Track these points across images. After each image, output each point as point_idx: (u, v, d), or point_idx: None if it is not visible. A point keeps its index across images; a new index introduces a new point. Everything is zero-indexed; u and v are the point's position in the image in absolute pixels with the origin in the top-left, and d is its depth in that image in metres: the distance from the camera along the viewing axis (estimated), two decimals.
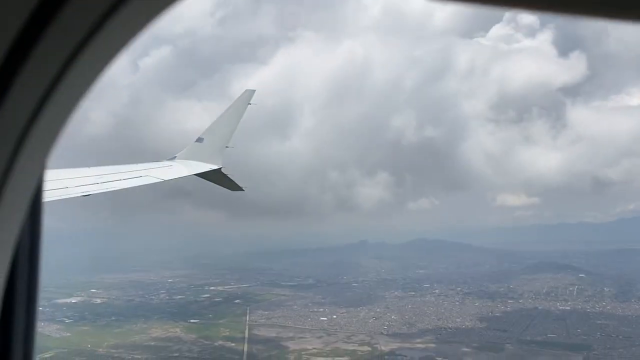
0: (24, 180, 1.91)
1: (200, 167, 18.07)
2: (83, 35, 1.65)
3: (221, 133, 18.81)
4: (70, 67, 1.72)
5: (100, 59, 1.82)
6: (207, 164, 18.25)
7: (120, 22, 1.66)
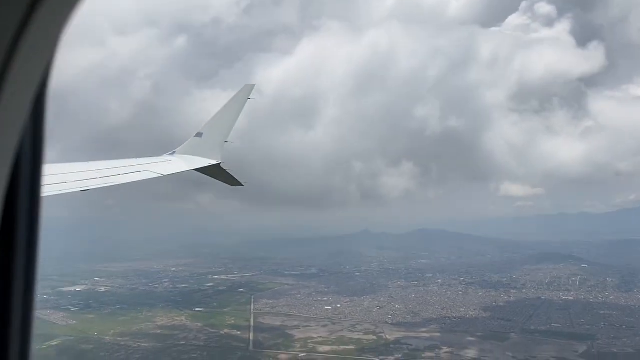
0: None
1: (200, 162, 18.09)
2: None
3: (221, 128, 18.82)
4: None
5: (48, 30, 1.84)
6: (206, 159, 18.26)
7: None
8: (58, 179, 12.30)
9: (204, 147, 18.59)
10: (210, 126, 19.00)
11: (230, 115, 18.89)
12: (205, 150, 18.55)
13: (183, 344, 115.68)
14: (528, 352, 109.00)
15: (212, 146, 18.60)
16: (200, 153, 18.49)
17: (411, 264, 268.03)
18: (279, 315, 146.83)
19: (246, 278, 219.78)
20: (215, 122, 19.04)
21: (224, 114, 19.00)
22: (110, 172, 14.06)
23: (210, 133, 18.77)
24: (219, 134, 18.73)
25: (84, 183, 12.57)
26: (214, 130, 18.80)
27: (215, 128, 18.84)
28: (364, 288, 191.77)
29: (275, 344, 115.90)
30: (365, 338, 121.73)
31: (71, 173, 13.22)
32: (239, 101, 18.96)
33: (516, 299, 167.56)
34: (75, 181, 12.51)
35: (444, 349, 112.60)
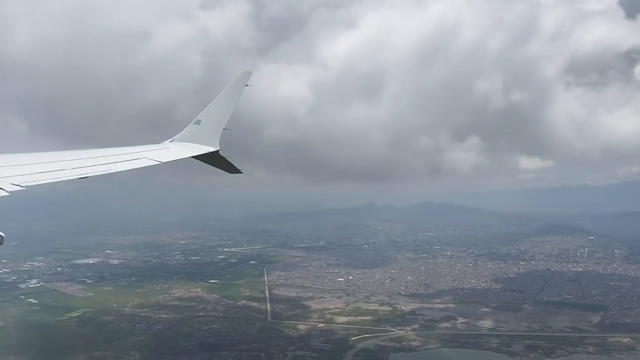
0: None
1: (198, 149, 18.28)
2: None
3: (218, 115, 18.94)
4: None
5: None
6: (205, 146, 18.49)
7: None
8: (56, 167, 12.64)
9: (202, 134, 18.79)
10: (209, 113, 19.12)
11: (228, 103, 19.01)
12: (203, 137, 18.75)
13: (202, 315, 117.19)
14: (542, 323, 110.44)
15: (211, 133, 18.77)
16: (198, 140, 18.71)
17: (418, 237, 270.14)
18: (292, 286, 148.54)
19: (256, 250, 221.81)
20: (213, 110, 19.15)
21: (221, 102, 19.11)
22: (109, 160, 14.34)
23: (209, 120, 18.96)
24: (217, 121, 18.87)
25: (82, 170, 12.82)
26: (212, 117, 18.97)
27: (213, 115, 18.99)
28: (373, 260, 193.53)
29: (293, 315, 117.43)
30: (380, 309, 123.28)
31: (69, 160, 13.53)
32: (236, 88, 19.05)
33: (526, 271, 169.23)
34: (74, 168, 12.78)
35: (460, 319, 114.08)
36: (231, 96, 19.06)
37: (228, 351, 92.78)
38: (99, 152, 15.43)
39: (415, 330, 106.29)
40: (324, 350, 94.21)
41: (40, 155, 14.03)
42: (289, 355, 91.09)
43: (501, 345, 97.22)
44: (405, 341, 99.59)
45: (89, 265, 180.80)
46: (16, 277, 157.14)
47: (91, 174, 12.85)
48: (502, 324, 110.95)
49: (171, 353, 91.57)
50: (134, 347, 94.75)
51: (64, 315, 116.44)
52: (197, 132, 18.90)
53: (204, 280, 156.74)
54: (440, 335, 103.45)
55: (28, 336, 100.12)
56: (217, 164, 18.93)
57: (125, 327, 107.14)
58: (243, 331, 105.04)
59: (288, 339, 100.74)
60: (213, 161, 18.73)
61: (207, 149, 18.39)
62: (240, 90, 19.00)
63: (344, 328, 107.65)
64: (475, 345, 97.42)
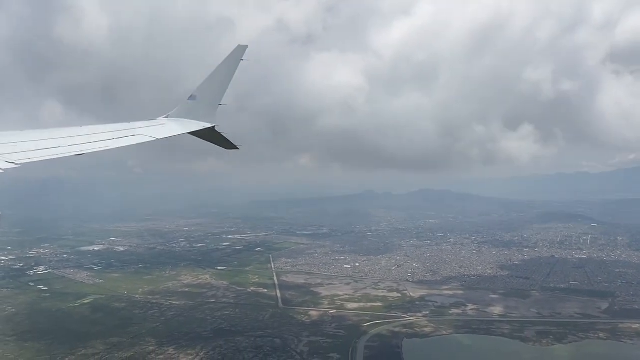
0: None
1: (194, 125, 17.98)
2: None
3: (214, 91, 18.63)
4: None
5: None
6: (200, 122, 18.20)
7: None
8: (52, 144, 12.56)
9: (197, 110, 18.51)
10: (204, 89, 18.81)
11: (223, 78, 18.68)
12: (199, 113, 18.47)
13: (214, 302, 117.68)
14: (552, 309, 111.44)
15: (206, 109, 18.51)
16: (194, 116, 18.41)
17: (420, 224, 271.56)
18: (300, 273, 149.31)
19: (260, 238, 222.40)
20: (208, 85, 18.83)
21: (217, 77, 18.76)
22: (104, 137, 14.18)
23: (204, 96, 18.67)
24: (212, 96, 18.61)
25: (77, 147, 12.69)
26: (208, 93, 18.68)
27: (208, 91, 18.70)
28: (378, 247, 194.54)
29: (304, 301, 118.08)
30: (390, 295, 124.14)
31: (64, 137, 13.42)
32: (231, 63, 18.66)
33: (531, 258, 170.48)
34: (69, 145, 12.68)
35: (470, 305, 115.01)
36: (226, 71, 18.68)
37: (243, 337, 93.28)
38: (94, 128, 15.17)
39: (427, 317, 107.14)
40: (337, 336, 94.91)
41: (36, 132, 13.85)
42: (304, 341, 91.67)
43: (513, 331, 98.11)
44: (417, 327, 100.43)
45: (94, 252, 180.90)
46: (23, 264, 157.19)
47: (87, 150, 12.72)
48: (511, 310, 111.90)
49: (187, 339, 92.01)
50: (149, 333, 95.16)
51: (76, 302, 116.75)
52: (193, 108, 18.60)
53: (211, 267, 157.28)
54: (452, 321, 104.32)
55: (42, 322, 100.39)
56: (213, 140, 18.64)
57: (138, 314, 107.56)
58: (256, 317, 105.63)
59: (301, 325, 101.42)
60: (209, 137, 18.44)
61: (202, 124, 18.09)
62: (235, 65, 18.63)
63: (356, 314, 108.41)
64: (487, 332, 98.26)
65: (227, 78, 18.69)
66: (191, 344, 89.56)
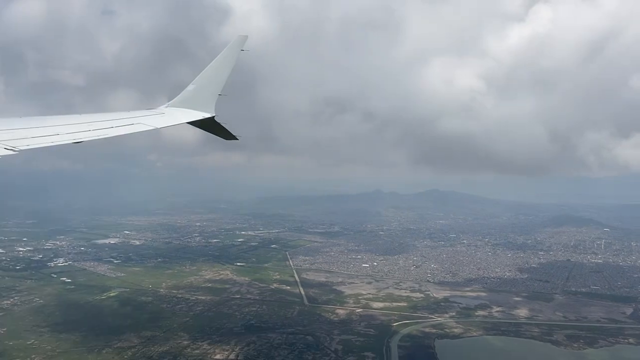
0: None
1: (193, 115, 17.67)
2: None
3: (214, 80, 18.40)
4: None
5: None
6: (199, 112, 17.91)
7: None
8: (51, 131, 12.40)
9: (197, 100, 18.31)
10: (203, 79, 18.62)
11: (223, 68, 18.51)
12: (198, 103, 18.25)
13: (239, 298, 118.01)
14: (577, 313, 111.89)
15: (206, 99, 18.28)
16: (193, 106, 18.19)
17: (430, 224, 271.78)
18: (320, 271, 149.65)
19: (273, 234, 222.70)
20: (207, 75, 18.65)
21: (216, 67, 18.59)
22: (103, 125, 14.03)
23: (204, 86, 18.51)
24: (211, 87, 18.41)
25: (76, 135, 12.53)
26: (207, 83, 18.49)
27: (208, 81, 18.52)
28: (393, 247, 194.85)
29: (329, 300, 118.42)
30: (413, 296, 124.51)
31: (63, 125, 13.28)
32: (231, 53, 18.53)
33: (547, 261, 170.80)
34: (68, 133, 12.54)
35: (495, 307, 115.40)
36: (226, 61, 18.55)
37: (274, 334, 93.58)
38: (93, 116, 15.13)
39: (454, 318, 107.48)
40: (368, 334, 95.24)
41: (34, 119, 13.73)
42: (336, 339, 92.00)
43: (542, 334, 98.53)
44: (446, 328, 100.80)
45: (111, 245, 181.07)
46: (42, 256, 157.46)
47: (85, 138, 12.58)
48: (537, 313, 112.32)
49: (219, 334, 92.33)
50: (180, 328, 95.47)
51: (102, 294, 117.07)
52: (192, 98, 18.43)
53: (230, 262, 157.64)
54: (480, 323, 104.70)
55: (72, 314, 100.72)
56: (213, 131, 18.37)
57: (166, 308, 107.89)
58: (284, 314, 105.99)
59: (330, 323, 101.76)
60: (208, 127, 18.21)
61: (202, 114, 17.88)
62: (235, 55, 18.52)
63: (383, 314, 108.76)
64: (517, 334, 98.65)
65: (226, 68, 18.56)
66: (224, 339, 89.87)
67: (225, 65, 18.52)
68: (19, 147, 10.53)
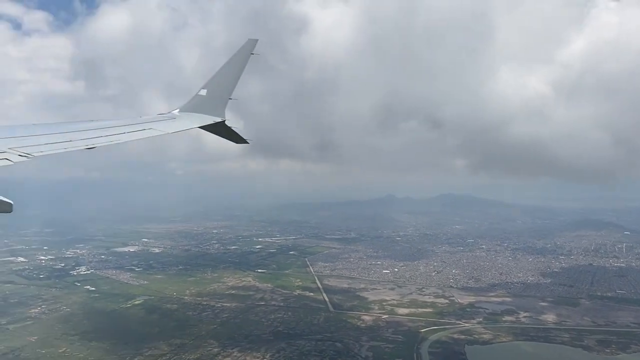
0: None
1: (204, 119, 17.75)
2: None
3: (224, 85, 18.48)
4: None
5: None
6: (210, 116, 17.99)
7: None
8: (64, 137, 12.38)
9: (208, 105, 18.38)
10: (214, 83, 18.70)
11: (234, 72, 18.55)
12: (209, 107, 18.33)
13: (264, 305, 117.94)
14: (606, 318, 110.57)
15: (217, 103, 18.37)
16: (204, 110, 18.28)
17: (447, 229, 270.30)
18: (341, 277, 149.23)
19: (290, 241, 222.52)
20: (218, 79, 18.73)
21: (227, 71, 18.68)
22: (115, 131, 14.02)
23: (214, 90, 18.55)
24: (222, 91, 18.48)
25: (89, 141, 12.52)
26: (218, 87, 18.56)
27: (219, 85, 18.59)
28: (412, 252, 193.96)
29: (354, 306, 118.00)
30: (438, 302, 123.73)
31: (77, 132, 13.28)
32: (242, 57, 18.54)
33: (569, 265, 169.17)
34: (81, 139, 12.51)
35: (522, 313, 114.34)
36: (237, 65, 18.61)
37: (303, 340, 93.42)
38: (105, 123, 15.11)
39: (481, 324, 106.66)
40: (397, 341, 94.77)
41: (47, 126, 13.69)
42: (365, 345, 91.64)
43: (572, 339, 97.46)
44: (475, 334, 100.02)
45: (131, 254, 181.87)
46: (64, 264, 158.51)
47: (99, 144, 12.61)
48: (565, 318, 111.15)
49: (248, 341, 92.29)
50: (208, 335, 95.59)
51: (127, 302, 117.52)
52: (203, 102, 18.51)
53: (251, 269, 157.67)
54: (508, 328, 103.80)
55: (100, 322, 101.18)
56: (224, 134, 18.50)
57: (192, 316, 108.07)
58: (310, 321, 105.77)
59: (357, 329, 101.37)
60: (219, 131, 18.33)
61: (213, 119, 17.98)
62: (245, 59, 18.55)
63: (409, 320, 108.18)
64: (547, 339, 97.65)
65: (237, 72, 18.61)
66: (254, 347, 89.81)
67: (236, 69, 18.62)
68: (33, 154, 10.54)
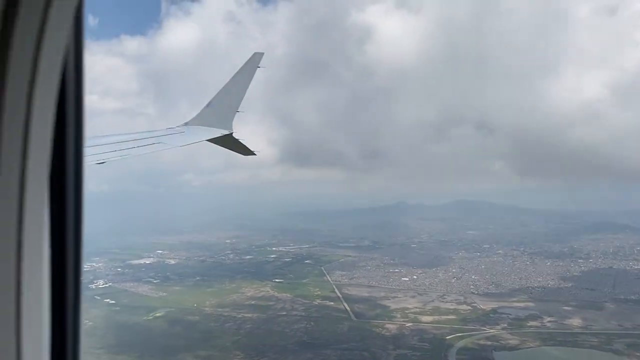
0: None
1: (212, 132, 18.07)
2: None
3: (231, 98, 18.77)
4: None
5: None
6: (218, 129, 18.24)
7: None
8: None
9: (215, 118, 18.64)
10: (221, 96, 18.94)
11: (241, 85, 18.88)
12: (217, 120, 18.59)
13: (285, 315, 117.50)
14: (632, 321, 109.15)
15: (224, 116, 18.62)
16: (212, 124, 18.54)
17: (461, 235, 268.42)
18: (360, 286, 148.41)
19: (304, 250, 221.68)
20: (225, 92, 18.98)
21: (234, 84, 18.96)
22: (125, 145, 14.17)
23: (221, 103, 18.81)
24: (230, 104, 18.74)
25: (100, 156, 12.58)
26: (225, 100, 18.80)
27: (226, 98, 18.83)
28: (429, 259, 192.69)
29: (376, 315, 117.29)
30: (460, 308, 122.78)
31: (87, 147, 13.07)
32: (248, 70, 18.85)
33: (588, 269, 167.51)
34: (92, 155, 12.47)
35: (546, 318, 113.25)
36: (243, 79, 18.90)
37: (329, 350, 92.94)
38: (114, 137, 15.23)
39: (506, 329, 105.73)
40: (423, 349, 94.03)
41: None
42: (392, 354, 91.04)
43: (601, 343, 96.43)
44: (502, 340, 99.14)
45: (147, 266, 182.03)
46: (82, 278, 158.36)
47: (109, 159, 12.74)
48: (591, 322, 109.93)
49: (274, 352, 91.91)
50: (234, 346, 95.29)
51: (149, 315, 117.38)
52: (211, 116, 18.75)
53: (268, 279, 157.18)
54: (534, 334, 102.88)
55: (124, 336, 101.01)
56: (232, 147, 18.83)
57: (215, 327, 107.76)
58: (334, 330, 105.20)
59: (382, 338, 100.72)
60: (227, 144, 18.63)
61: (221, 132, 18.19)
62: (252, 73, 18.82)
63: (433, 327, 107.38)
64: (575, 344, 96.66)
65: (244, 85, 18.91)
66: (280, 357, 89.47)
67: (243, 82, 18.95)
68: None
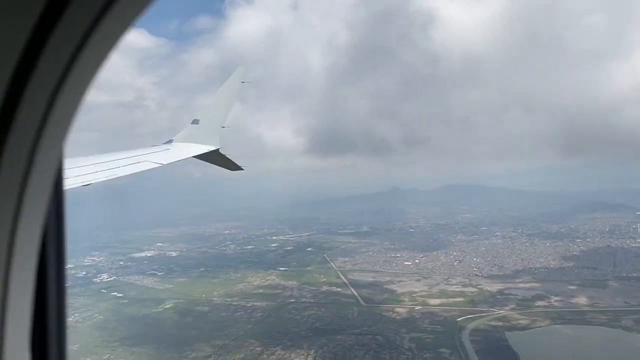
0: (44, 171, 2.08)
1: (198, 148, 18.17)
2: (84, 30, 1.82)
3: (216, 113, 18.84)
4: (76, 61, 1.90)
5: (101, 51, 1.98)
6: (204, 145, 18.32)
7: (116, 15, 1.81)
8: None
9: (201, 134, 18.67)
10: (207, 112, 19.00)
11: (226, 101, 18.95)
12: (202, 136, 18.63)
13: (294, 302, 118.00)
14: (637, 298, 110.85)
15: (210, 132, 18.67)
16: (198, 140, 18.58)
17: (458, 219, 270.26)
18: (364, 271, 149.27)
19: (305, 238, 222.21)
20: (211, 108, 19.08)
21: (219, 100, 19.05)
22: (110, 165, 14.16)
23: (207, 119, 18.82)
24: (215, 119, 18.77)
25: (85, 178, 12.51)
26: (210, 116, 18.84)
27: (211, 114, 18.88)
28: (428, 243, 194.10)
29: (384, 299, 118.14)
30: (467, 290, 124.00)
31: (71, 168, 13.07)
32: (233, 86, 18.91)
33: (587, 248, 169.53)
34: (77, 176, 12.43)
35: (553, 297, 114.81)
36: (228, 94, 18.93)
37: (342, 335, 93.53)
38: (100, 158, 15.23)
39: (515, 310, 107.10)
40: (436, 331, 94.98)
41: None
42: (406, 337, 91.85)
43: (610, 320, 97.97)
44: (512, 320, 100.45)
45: (149, 258, 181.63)
46: (85, 272, 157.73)
47: (94, 180, 12.62)
48: (596, 300, 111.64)
49: (288, 339, 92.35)
50: (247, 334, 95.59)
51: (158, 307, 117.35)
52: (197, 132, 18.74)
53: (272, 268, 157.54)
54: (543, 313, 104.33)
55: (136, 328, 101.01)
56: (218, 162, 18.93)
57: (226, 317, 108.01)
58: (345, 316, 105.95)
59: (394, 322, 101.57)
60: (214, 159, 18.70)
61: (207, 148, 18.25)
62: (236, 88, 18.87)
63: (443, 310, 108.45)
64: (584, 322, 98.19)
65: (229, 101, 18.96)
66: (296, 344, 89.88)
67: (228, 98, 18.95)
68: None
